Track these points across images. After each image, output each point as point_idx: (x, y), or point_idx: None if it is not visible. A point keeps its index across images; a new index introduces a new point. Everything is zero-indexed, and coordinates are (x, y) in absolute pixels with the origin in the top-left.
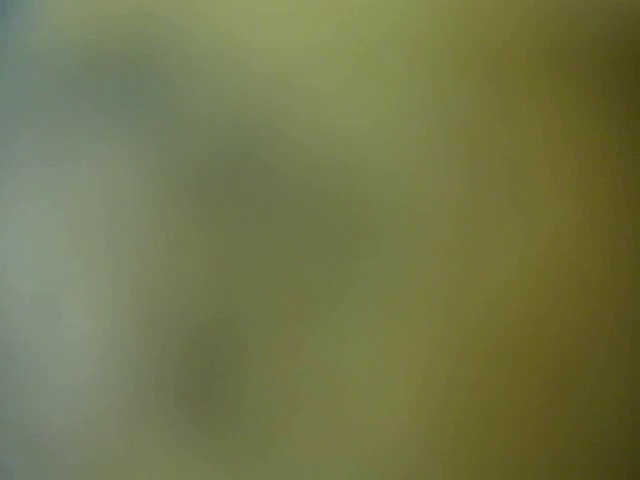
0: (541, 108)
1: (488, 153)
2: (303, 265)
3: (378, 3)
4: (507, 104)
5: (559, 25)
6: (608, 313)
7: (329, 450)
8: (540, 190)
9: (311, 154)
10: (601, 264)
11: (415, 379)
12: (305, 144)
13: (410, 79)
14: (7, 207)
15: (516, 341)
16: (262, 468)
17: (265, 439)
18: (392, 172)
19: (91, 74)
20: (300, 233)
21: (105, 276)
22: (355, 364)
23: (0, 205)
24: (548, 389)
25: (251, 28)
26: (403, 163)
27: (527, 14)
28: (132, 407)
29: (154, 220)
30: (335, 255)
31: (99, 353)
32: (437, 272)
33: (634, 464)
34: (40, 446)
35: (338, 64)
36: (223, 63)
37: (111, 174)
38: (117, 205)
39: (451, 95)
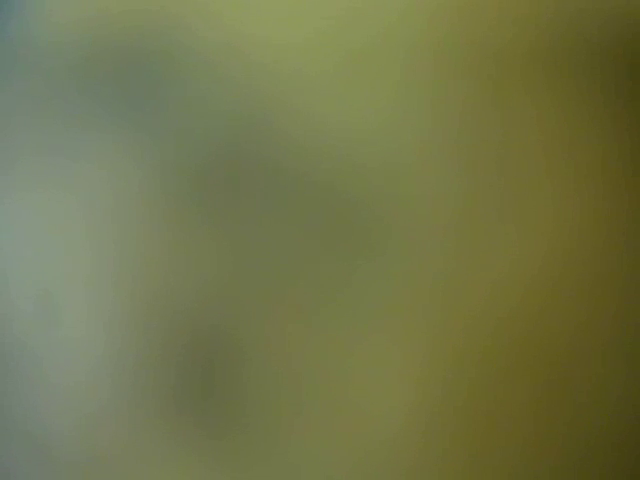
0: (539, 109)
1: (485, 154)
2: (304, 265)
3: (380, 0)
4: (505, 104)
5: (558, 26)
6: (604, 315)
7: (329, 450)
8: (537, 192)
9: (316, 151)
10: (597, 266)
11: (414, 378)
12: (310, 141)
13: (409, 78)
14: (7, 206)
15: (513, 341)
16: (262, 468)
17: (265, 439)
18: (393, 171)
19: (93, 70)
20: (302, 233)
21: (105, 276)
22: (355, 364)
23: (0, 204)
24: (544, 388)
25: (255, 22)
26: (401, 162)
27: (526, 14)
28: (132, 407)
29: (156, 219)
30: (335, 255)
31: (99, 353)
32: (434, 272)
33: (634, 461)
34: (40, 445)
35: (344, 60)
36: (227, 58)
37: (113, 172)
38: (118, 204)
39: (449, 94)
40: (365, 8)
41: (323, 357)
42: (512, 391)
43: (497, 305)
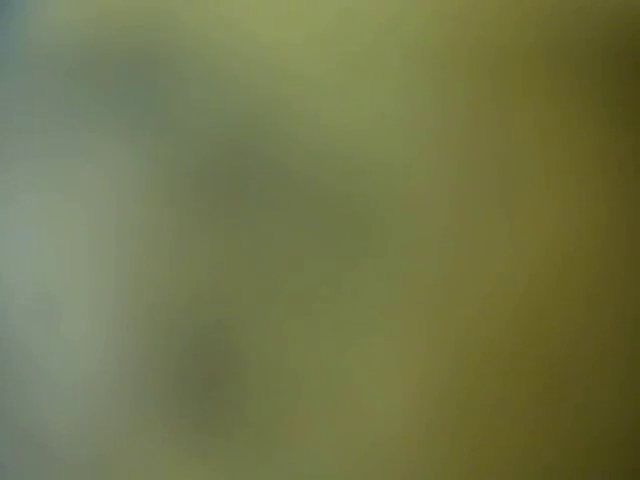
0: (538, 109)
1: (485, 154)
2: (303, 265)
3: (381, 0)
4: (505, 104)
5: (558, 25)
6: (604, 315)
7: (330, 449)
8: (537, 191)
9: (316, 150)
10: (597, 265)
11: (414, 377)
12: (311, 140)
13: (410, 78)
14: (7, 206)
15: (513, 340)
16: (263, 467)
17: (266, 439)
18: (393, 170)
19: (94, 70)
20: (302, 230)
21: (105, 276)
22: (355, 364)
23: (0, 204)
24: (545, 387)
25: (257, 22)
26: (401, 161)
27: (527, 14)
28: (132, 407)
29: (157, 218)
30: (335, 255)
31: (99, 353)
32: (433, 270)
33: (632, 461)
34: (40, 445)
35: (345, 61)
36: (228, 58)
37: (114, 172)
38: (118, 205)
39: (450, 94)
40: (366, 8)
41: (323, 356)
42: (512, 391)
43: (497, 304)
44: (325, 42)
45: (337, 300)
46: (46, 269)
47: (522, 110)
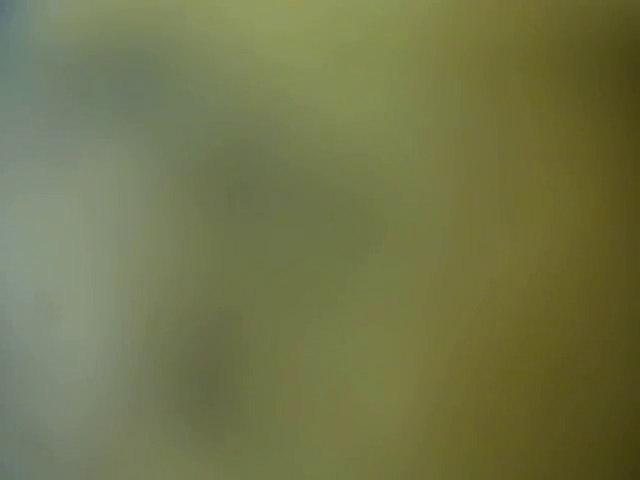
0: (537, 106)
1: (483, 152)
2: (305, 264)
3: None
4: (503, 101)
5: (556, 26)
6: (603, 315)
7: (329, 449)
8: (536, 189)
9: (316, 146)
10: (597, 265)
11: (414, 377)
12: (310, 136)
13: (409, 74)
14: (7, 206)
15: (513, 338)
16: (262, 468)
17: (265, 440)
18: (391, 167)
19: (93, 70)
20: (302, 231)
21: (106, 276)
22: (356, 363)
23: (0, 204)
24: (544, 386)
25: (255, 17)
26: (400, 159)
27: (525, 11)
28: (132, 407)
29: (156, 219)
30: (335, 253)
31: (99, 353)
32: (433, 269)
33: (632, 463)
34: (40, 446)
35: (343, 56)
36: (226, 54)
37: (113, 172)
38: (118, 204)
39: (448, 91)
40: (364, 2)
41: (324, 355)
42: (511, 390)
43: (497, 303)
44: (324, 37)
45: (337, 298)
46: (46, 269)
47: (521, 108)
